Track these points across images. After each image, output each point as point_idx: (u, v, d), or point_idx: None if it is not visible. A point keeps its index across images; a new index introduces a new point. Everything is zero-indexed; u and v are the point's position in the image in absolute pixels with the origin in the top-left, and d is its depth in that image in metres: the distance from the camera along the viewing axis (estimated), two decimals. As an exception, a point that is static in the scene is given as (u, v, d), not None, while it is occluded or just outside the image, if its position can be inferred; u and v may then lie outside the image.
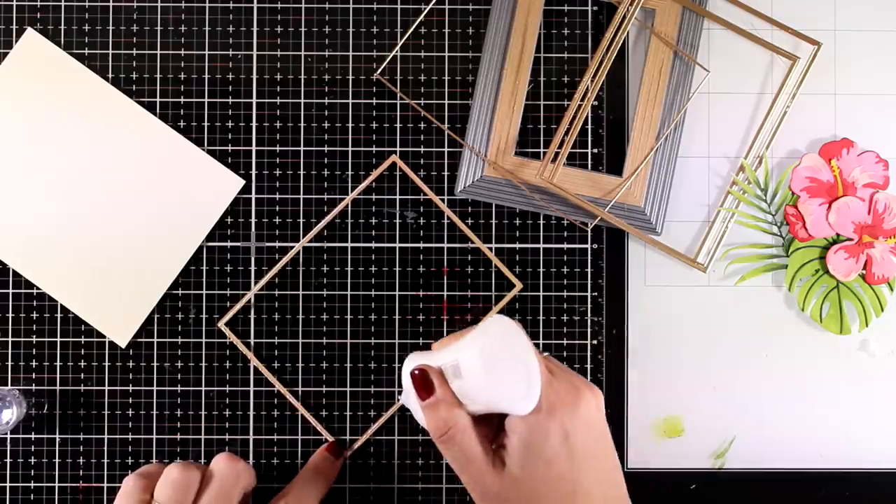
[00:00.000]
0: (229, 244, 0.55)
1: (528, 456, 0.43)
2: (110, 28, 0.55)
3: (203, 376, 0.55)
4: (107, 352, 0.55)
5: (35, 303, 0.54)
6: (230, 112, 0.55)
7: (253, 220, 0.55)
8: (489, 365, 0.43)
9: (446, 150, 0.55)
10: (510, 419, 0.44)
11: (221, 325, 0.54)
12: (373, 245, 0.55)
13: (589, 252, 0.55)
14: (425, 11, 0.55)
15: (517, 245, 0.55)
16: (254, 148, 0.55)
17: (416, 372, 0.45)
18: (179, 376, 0.55)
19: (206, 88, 0.55)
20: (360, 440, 0.55)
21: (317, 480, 0.52)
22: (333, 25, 0.55)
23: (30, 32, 0.55)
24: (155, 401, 0.55)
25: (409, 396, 0.46)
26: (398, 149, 0.55)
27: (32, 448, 0.54)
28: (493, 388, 0.43)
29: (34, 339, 0.54)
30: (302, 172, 0.55)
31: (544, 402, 0.43)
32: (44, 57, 0.54)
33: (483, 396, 0.43)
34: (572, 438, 0.43)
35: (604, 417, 0.45)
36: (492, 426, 0.46)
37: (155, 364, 0.55)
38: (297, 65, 0.55)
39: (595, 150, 0.55)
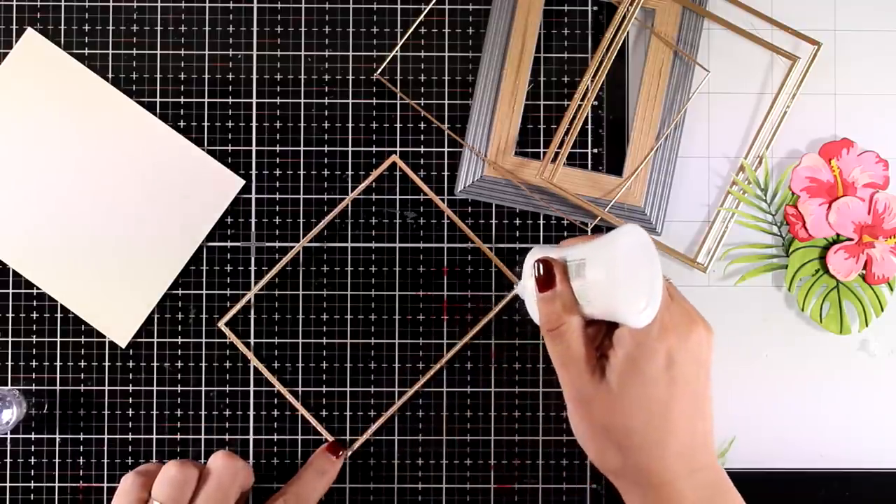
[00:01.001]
0: (229, 244, 0.55)
1: (628, 371, 0.44)
2: (110, 28, 0.55)
3: (203, 376, 0.55)
4: (107, 352, 0.55)
5: (35, 303, 0.54)
6: (230, 112, 0.55)
7: (253, 220, 0.55)
8: (616, 270, 0.42)
9: (446, 150, 0.55)
10: (619, 331, 0.45)
11: (221, 325, 0.54)
12: (373, 245, 0.55)
13: (589, 252, 0.55)
14: (425, 11, 0.55)
15: (517, 245, 0.55)
16: (254, 148, 0.55)
17: (540, 264, 0.45)
18: (179, 376, 0.55)
19: (206, 88, 0.55)
20: (360, 440, 0.55)
21: (316, 479, 0.52)
22: (333, 25, 0.55)
23: (30, 32, 0.55)
24: (155, 401, 0.55)
25: (525, 286, 0.47)
26: (398, 149, 0.55)
27: (32, 448, 0.54)
28: (614, 294, 0.42)
29: (34, 339, 0.54)
30: (302, 172, 0.55)
31: (658, 322, 0.44)
32: (44, 57, 0.54)
33: (602, 301, 0.43)
34: (676, 366, 0.44)
35: (710, 355, 0.46)
36: (599, 335, 0.47)
37: (155, 364, 0.55)
38: (297, 65, 0.55)
39: (595, 150, 0.55)
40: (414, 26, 0.55)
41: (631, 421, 0.44)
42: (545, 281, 0.45)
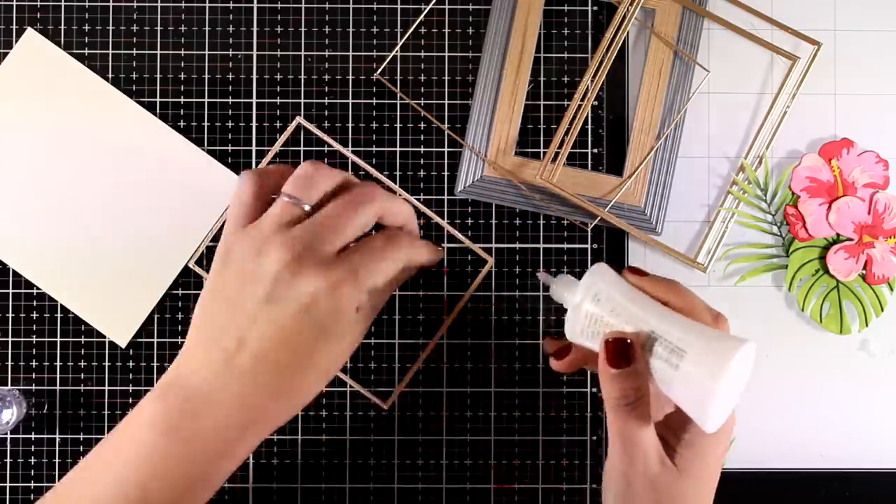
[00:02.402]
0: (229, 244, 0.55)
1: (696, 454, 0.43)
2: (110, 28, 0.55)
3: (203, 376, 0.55)
4: (107, 352, 0.55)
5: (35, 303, 0.54)
6: (230, 112, 0.55)
7: (253, 220, 0.55)
8: (723, 381, 0.39)
9: (446, 150, 0.55)
10: (692, 424, 0.43)
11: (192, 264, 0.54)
12: (373, 245, 0.55)
13: (589, 252, 0.55)
14: (425, 11, 0.55)
15: (517, 245, 0.55)
16: (254, 148, 0.55)
17: (612, 340, 0.41)
18: (179, 376, 0.54)
19: (206, 88, 0.55)
20: (360, 440, 0.55)
21: (396, 265, 0.44)
22: (333, 25, 0.55)
23: (30, 32, 0.55)
24: (155, 401, 0.55)
25: (577, 312, 0.43)
26: (398, 149, 0.55)
27: (32, 448, 0.54)
28: (706, 400, 0.39)
29: (34, 339, 0.54)
30: (302, 172, 0.55)
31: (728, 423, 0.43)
32: (44, 57, 0.54)
33: (686, 398, 0.40)
34: (722, 458, 0.45)
35: None
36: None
37: (155, 364, 0.55)
38: (297, 65, 0.55)
39: (595, 150, 0.55)
40: (414, 26, 0.55)
41: (687, 501, 0.43)
42: (618, 357, 0.41)
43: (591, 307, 0.43)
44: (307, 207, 0.42)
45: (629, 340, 0.41)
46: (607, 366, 0.42)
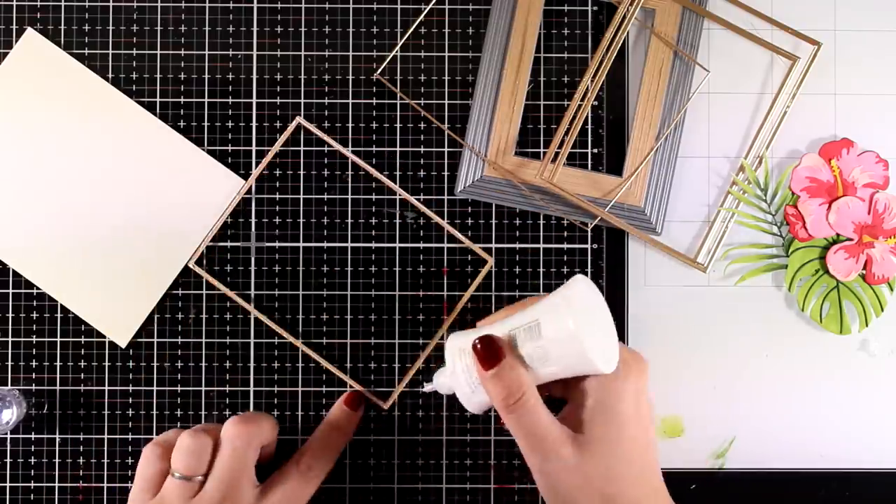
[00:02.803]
0: (229, 244, 0.55)
1: (603, 417, 0.44)
2: (110, 28, 0.55)
3: (203, 376, 0.55)
4: (107, 352, 0.55)
5: (35, 303, 0.54)
6: (230, 112, 0.55)
7: (253, 220, 0.55)
8: (582, 321, 0.42)
9: (446, 150, 0.55)
10: (586, 382, 0.44)
11: (192, 264, 0.54)
12: (373, 245, 0.55)
13: (589, 252, 0.55)
14: (425, 11, 0.55)
15: (517, 245, 0.55)
16: (254, 148, 0.55)
17: (479, 342, 0.44)
18: (179, 376, 0.55)
19: (206, 88, 0.55)
20: (360, 439, 0.55)
21: (336, 434, 0.52)
22: (333, 25, 0.55)
23: (30, 32, 0.55)
24: (155, 401, 0.55)
25: (455, 376, 0.45)
26: (398, 149, 0.55)
27: (32, 448, 0.54)
28: (584, 345, 0.41)
29: (34, 339, 0.54)
30: (302, 172, 0.55)
31: (621, 364, 0.44)
32: (44, 57, 0.54)
33: (568, 355, 0.42)
34: (641, 403, 0.44)
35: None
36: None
37: (155, 364, 0.55)
38: (297, 65, 0.55)
39: (595, 150, 0.55)
40: (414, 26, 0.55)
41: (615, 465, 0.43)
42: (489, 356, 0.43)
43: (460, 363, 0.45)
44: (198, 479, 0.47)
45: (492, 336, 0.44)
46: (483, 371, 0.43)
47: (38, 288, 0.54)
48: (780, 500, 0.55)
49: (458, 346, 0.45)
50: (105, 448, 0.54)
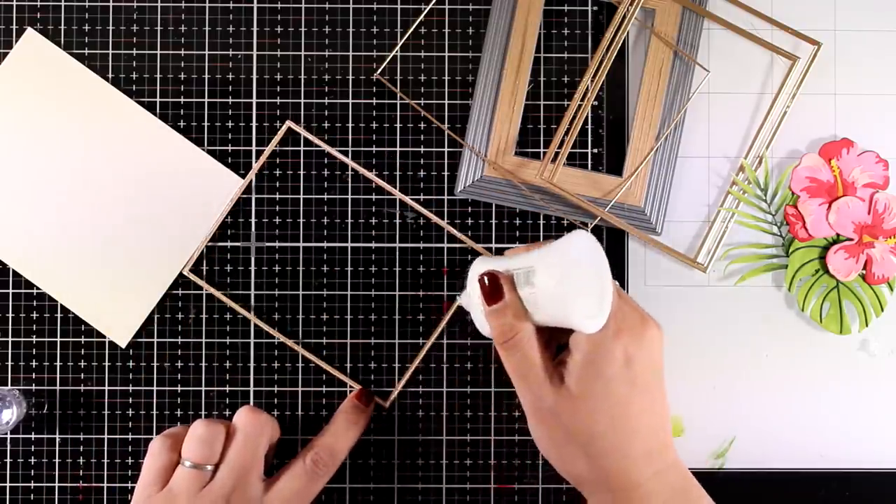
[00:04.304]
0: (229, 244, 0.55)
1: (588, 374, 0.44)
2: (110, 28, 0.55)
3: (203, 376, 0.55)
4: (107, 352, 0.55)
5: (35, 303, 0.54)
6: (230, 112, 0.55)
7: (253, 220, 0.55)
8: (567, 276, 0.42)
9: (446, 150, 0.55)
10: (575, 336, 0.45)
11: (186, 270, 0.54)
12: (373, 245, 0.55)
13: (589, 252, 0.55)
14: (425, 11, 0.55)
15: (517, 245, 0.55)
16: (254, 148, 0.55)
17: (486, 277, 0.45)
18: (179, 376, 0.55)
19: (206, 88, 0.55)
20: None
21: (345, 431, 0.51)
22: (333, 25, 0.55)
23: (30, 32, 0.55)
24: (155, 401, 0.55)
25: (471, 300, 0.47)
26: (398, 149, 0.55)
27: (32, 448, 0.54)
28: (566, 299, 0.42)
29: (34, 339, 0.54)
30: (302, 172, 0.55)
31: (612, 323, 0.44)
32: (44, 57, 0.54)
33: (554, 307, 0.43)
34: (634, 365, 0.44)
35: (662, 354, 0.46)
36: (551, 344, 0.47)
37: (155, 364, 0.55)
38: (297, 65, 0.55)
39: (595, 150, 0.55)
40: (414, 26, 0.55)
41: (594, 424, 0.44)
42: (492, 293, 0.45)
43: (477, 289, 0.47)
44: (209, 468, 0.47)
45: (497, 274, 0.45)
46: (485, 306, 0.45)
47: (38, 288, 0.54)
48: (780, 500, 0.55)
49: (478, 273, 0.47)
50: (105, 448, 0.54)
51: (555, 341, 0.48)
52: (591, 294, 0.43)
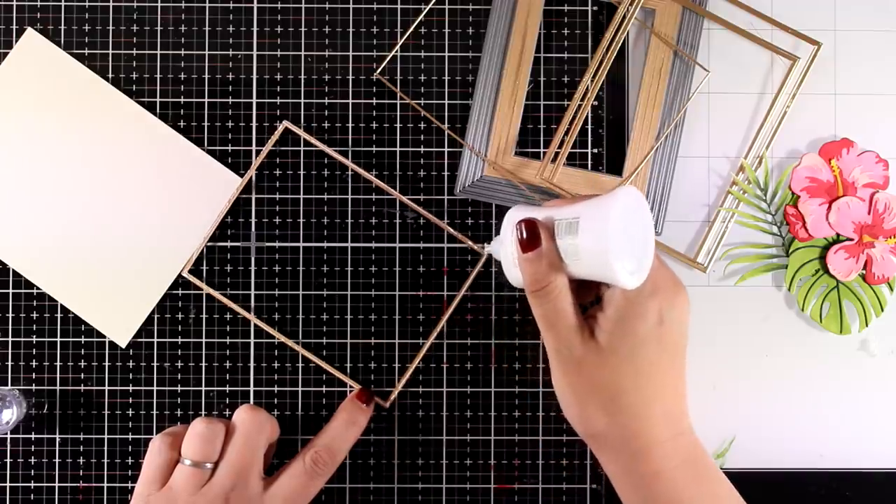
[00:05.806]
0: (229, 244, 0.55)
1: (619, 330, 0.44)
2: (110, 28, 0.55)
3: (203, 376, 0.55)
4: (107, 352, 0.55)
5: (35, 303, 0.54)
6: (230, 112, 0.55)
7: (253, 220, 0.55)
8: (612, 231, 0.42)
9: (446, 150, 0.55)
10: (610, 291, 0.45)
11: (185, 272, 0.54)
12: (373, 245, 0.55)
13: (589, 252, 0.55)
14: (425, 11, 0.55)
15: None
16: (254, 148, 0.55)
17: (523, 224, 0.45)
18: (179, 376, 0.55)
19: (206, 88, 0.55)
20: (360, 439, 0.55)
21: (346, 429, 0.51)
22: (333, 25, 0.55)
23: (30, 32, 0.55)
24: (155, 401, 0.55)
25: (503, 246, 0.46)
26: (398, 149, 0.55)
27: (32, 448, 0.54)
28: (609, 254, 0.42)
29: (34, 339, 0.54)
30: (302, 172, 0.55)
31: (648, 283, 0.44)
32: (44, 57, 0.54)
33: (595, 260, 0.43)
34: (665, 326, 0.44)
35: (689, 320, 0.46)
36: (583, 295, 0.47)
37: (155, 364, 0.55)
38: (296, 65, 0.55)
39: (595, 150, 0.55)
40: (414, 26, 0.55)
41: (620, 379, 0.44)
42: (529, 241, 0.45)
43: (510, 236, 0.46)
44: (209, 466, 0.47)
45: (536, 222, 0.45)
46: (521, 252, 0.45)
47: (38, 288, 0.54)
48: (780, 500, 0.55)
49: (514, 220, 0.46)
50: (105, 448, 0.54)
51: (583, 295, 0.48)
52: (633, 250, 0.43)
